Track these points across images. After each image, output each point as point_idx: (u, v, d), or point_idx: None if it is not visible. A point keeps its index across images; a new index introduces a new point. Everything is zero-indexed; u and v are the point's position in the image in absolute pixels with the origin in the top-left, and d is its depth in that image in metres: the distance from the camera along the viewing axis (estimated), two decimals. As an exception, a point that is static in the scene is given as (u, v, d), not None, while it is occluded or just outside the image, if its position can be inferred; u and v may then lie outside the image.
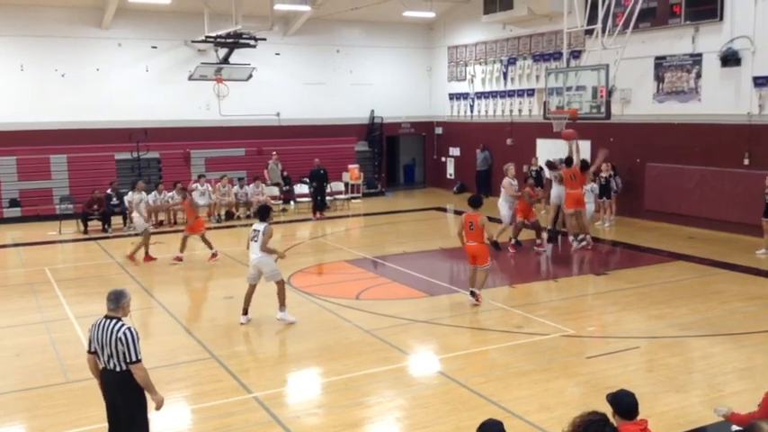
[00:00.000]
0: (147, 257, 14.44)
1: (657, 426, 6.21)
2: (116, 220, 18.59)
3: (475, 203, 10.90)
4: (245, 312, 10.12)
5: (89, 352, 5.65)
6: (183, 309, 11.01)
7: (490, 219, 11.52)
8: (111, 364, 5.48)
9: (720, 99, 16.04)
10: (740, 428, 5.64)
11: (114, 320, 5.53)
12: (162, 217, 19.17)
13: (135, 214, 14.92)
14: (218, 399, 7.39)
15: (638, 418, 4.62)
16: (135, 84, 21.65)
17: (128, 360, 5.42)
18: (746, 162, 15.59)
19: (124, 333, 5.42)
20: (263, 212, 10.25)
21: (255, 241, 9.94)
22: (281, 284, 10.01)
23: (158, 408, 5.63)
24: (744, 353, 8.55)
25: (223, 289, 12.16)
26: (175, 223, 19.02)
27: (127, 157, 21.13)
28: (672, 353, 8.63)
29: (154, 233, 17.77)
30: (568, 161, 15.00)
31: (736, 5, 15.52)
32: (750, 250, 14.07)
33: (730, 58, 15.51)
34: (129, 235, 17.68)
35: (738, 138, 15.69)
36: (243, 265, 14.00)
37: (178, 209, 19.08)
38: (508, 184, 15.02)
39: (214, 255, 14.47)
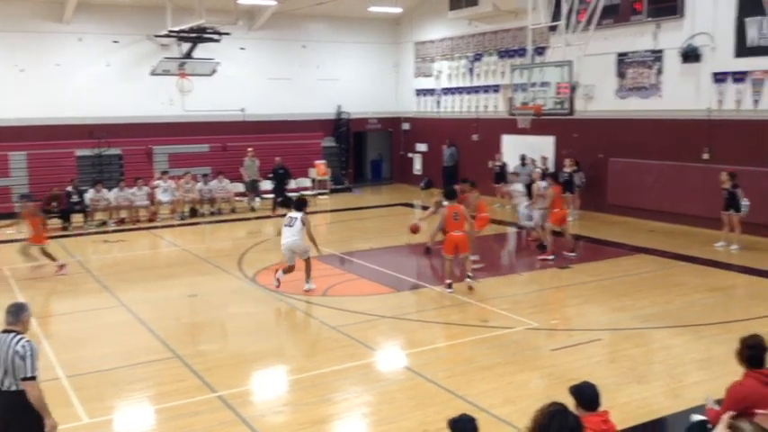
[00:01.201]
0: None
1: (620, 416, 6.29)
2: (76, 218, 18.25)
3: (451, 195, 11.70)
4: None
5: None
6: (145, 308, 10.84)
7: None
8: (6, 384, 5.01)
9: (681, 95, 16.32)
10: (702, 419, 5.74)
11: (12, 334, 5.10)
12: (123, 214, 18.85)
13: None
14: (180, 398, 7.29)
15: (600, 409, 4.68)
16: (96, 79, 21.25)
17: (22, 375, 4.96)
18: (706, 156, 15.89)
19: (23, 345, 5.01)
20: (301, 204, 11.49)
21: (291, 226, 11.13)
22: (309, 261, 11.40)
23: None
24: (702, 344, 8.72)
25: (187, 287, 12.00)
26: (138, 221, 18.73)
27: (88, 153, 20.75)
28: (633, 344, 8.76)
29: (117, 230, 17.55)
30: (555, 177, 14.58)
31: (696, 2, 15.79)
32: (710, 243, 14.36)
33: (691, 55, 15.78)
34: (90, 233, 17.40)
35: (698, 133, 15.98)
36: (207, 263, 13.90)
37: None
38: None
39: (61, 266, 13.01)
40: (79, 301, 11.66)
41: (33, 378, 5.01)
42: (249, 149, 21.30)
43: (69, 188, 18.36)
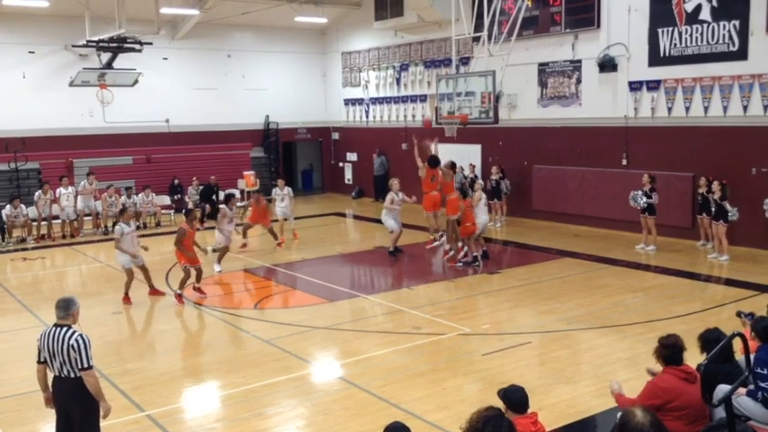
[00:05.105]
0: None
1: (549, 417, 6.47)
2: (-7, 236, 17.44)
3: (434, 163, 14.01)
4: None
5: (38, 362, 5.75)
6: (68, 327, 10.43)
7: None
8: (65, 372, 5.56)
9: (599, 103, 16.94)
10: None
11: (65, 328, 5.61)
12: (44, 230, 18.09)
13: None
14: (107, 419, 7.01)
15: (530, 411, 4.79)
16: (11, 91, 20.38)
17: (80, 366, 5.50)
18: (624, 162, 16.53)
19: (76, 340, 5.51)
20: (226, 198, 14.48)
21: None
22: (221, 251, 14.00)
23: (105, 416, 5.72)
24: (627, 343, 9.04)
25: (112, 304, 11.62)
26: (63, 237, 18.02)
27: (4, 168, 19.87)
28: (561, 346, 9.01)
29: (37, 248, 16.83)
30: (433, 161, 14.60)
31: (611, 14, 16.43)
32: (630, 245, 14.91)
33: (607, 64, 16.41)
34: (9, 250, 16.64)
35: (617, 139, 16.61)
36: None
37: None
38: (390, 200, 14.62)
39: None
40: (-4, 323, 11.14)
41: (90, 368, 5.55)
42: (194, 179, 20.97)
43: (-17, 204, 17.52)
